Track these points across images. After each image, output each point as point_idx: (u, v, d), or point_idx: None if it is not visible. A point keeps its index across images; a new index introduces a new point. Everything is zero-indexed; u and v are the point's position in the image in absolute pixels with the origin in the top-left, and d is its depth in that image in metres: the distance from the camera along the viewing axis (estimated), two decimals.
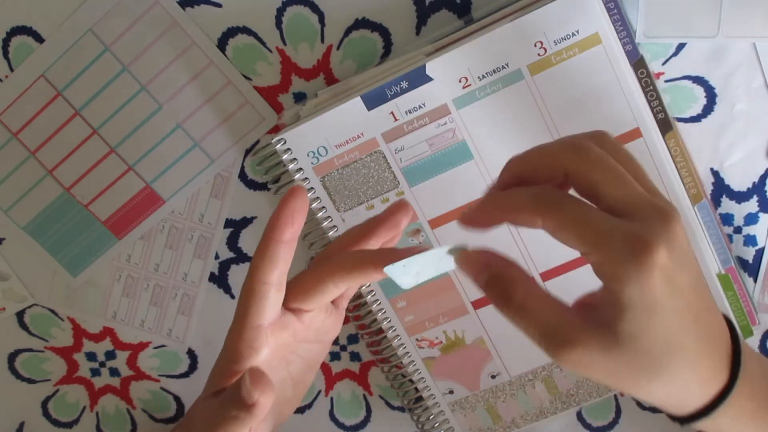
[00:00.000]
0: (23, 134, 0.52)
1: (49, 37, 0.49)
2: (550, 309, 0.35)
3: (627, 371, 0.34)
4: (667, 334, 0.34)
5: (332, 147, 0.46)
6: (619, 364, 0.34)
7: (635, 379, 0.35)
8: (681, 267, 0.34)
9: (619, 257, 0.33)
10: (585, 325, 0.34)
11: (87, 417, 0.58)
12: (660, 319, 0.33)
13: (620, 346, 0.34)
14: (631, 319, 0.33)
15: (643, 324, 0.33)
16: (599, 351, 0.34)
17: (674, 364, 0.34)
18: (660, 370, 0.34)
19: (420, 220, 0.47)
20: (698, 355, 0.35)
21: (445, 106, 0.45)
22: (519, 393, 0.51)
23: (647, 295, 0.33)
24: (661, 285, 0.33)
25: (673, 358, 0.34)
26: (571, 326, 0.34)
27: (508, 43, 0.43)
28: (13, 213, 0.54)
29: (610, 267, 0.33)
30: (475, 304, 0.49)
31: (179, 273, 0.54)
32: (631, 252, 0.33)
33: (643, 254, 0.32)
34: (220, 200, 0.52)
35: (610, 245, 0.33)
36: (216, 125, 0.51)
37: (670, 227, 0.33)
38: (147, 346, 0.56)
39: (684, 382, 0.35)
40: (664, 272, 0.33)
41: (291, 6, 0.47)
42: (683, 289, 0.34)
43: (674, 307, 0.34)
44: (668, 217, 0.34)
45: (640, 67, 0.44)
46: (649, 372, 0.34)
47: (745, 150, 0.47)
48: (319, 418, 0.56)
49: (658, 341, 0.34)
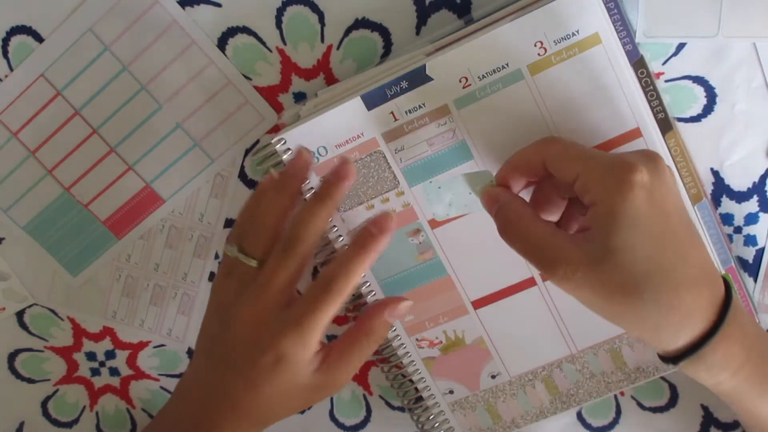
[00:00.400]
0: (23, 134, 0.52)
1: (49, 36, 0.49)
2: (543, 231, 0.39)
3: (612, 289, 0.37)
4: (651, 252, 0.36)
5: (332, 147, 0.46)
6: (605, 282, 0.37)
7: (621, 299, 0.37)
8: (665, 193, 0.37)
9: (605, 174, 0.37)
10: (574, 244, 0.37)
11: (87, 417, 0.58)
12: (643, 235, 0.36)
13: (606, 261, 0.36)
14: (616, 232, 0.36)
15: (626, 238, 0.36)
16: (587, 267, 0.36)
17: (657, 285, 0.36)
18: (643, 290, 0.36)
19: (420, 220, 0.47)
20: (683, 281, 0.37)
21: (445, 106, 0.45)
22: (519, 393, 0.51)
23: (630, 208, 0.36)
24: (644, 200, 0.36)
25: (655, 278, 0.36)
26: (561, 245, 0.38)
27: (508, 43, 0.43)
28: (13, 213, 0.54)
29: (596, 184, 0.37)
30: (475, 304, 0.49)
31: (179, 273, 0.54)
32: (615, 169, 0.36)
33: (627, 172, 0.36)
34: (220, 200, 0.52)
35: (598, 165, 0.37)
36: (216, 125, 0.51)
37: (654, 160, 0.37)
38: (147, 345, 0.56)
39: (670, 309, 0.37)
40: (647, 189, 0.36)
41: (291, 6, 0.47)
42: (667, 211, 0.37)
43: (657, 226, 0.36)
44: (652, 154, 0.38)
45: (640, 66, 0.44)
46: (632, 293, 0.36)
47: (745, 150, 0.47)
48: (319, 418, 0.56)
49: (641, 257, 0.36)
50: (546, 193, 0.43)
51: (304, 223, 0.43)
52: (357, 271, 0.43)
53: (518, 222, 0.39)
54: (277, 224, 0.44)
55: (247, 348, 0.42)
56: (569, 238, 0.38)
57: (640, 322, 0.38)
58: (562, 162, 0.39)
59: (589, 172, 0.37)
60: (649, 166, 0.37)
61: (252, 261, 0.43)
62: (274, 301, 0.42)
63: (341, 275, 0.42)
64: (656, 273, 0.36)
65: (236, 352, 0.43)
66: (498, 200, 0.41)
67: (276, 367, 0.42)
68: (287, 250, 0.42)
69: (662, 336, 0.38)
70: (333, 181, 0.44)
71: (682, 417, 0.52)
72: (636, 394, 0.52)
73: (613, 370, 0.50)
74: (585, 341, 0.49)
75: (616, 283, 0.36)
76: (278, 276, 0.42)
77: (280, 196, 0.44)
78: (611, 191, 0.36)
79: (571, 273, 0.37)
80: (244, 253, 0.44)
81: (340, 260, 0.43)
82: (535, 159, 0.40)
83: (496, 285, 0.48)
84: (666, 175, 0.38)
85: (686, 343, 0.38)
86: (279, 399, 0.43)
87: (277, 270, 0.42)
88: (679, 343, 0.38)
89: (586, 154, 0.38)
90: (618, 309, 0.38)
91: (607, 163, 0.37)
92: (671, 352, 0.39)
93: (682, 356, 0.38)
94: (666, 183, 0.37)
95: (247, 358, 0.42)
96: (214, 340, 0.44)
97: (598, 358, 0.50)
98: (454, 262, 0.48)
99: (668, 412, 0.52)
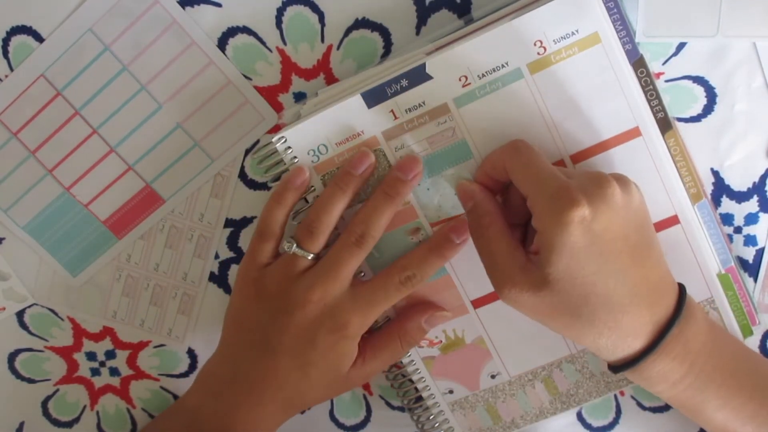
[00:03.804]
0: (23, 134, 0.52)
1: (49, 36, 0.49)
2: (505, 246, 0.41)
3: (552, 312, 0.40)
4: (588, 279, 0.38)
5: (333, 145, 0.46)
6: (546, 304, 0.39)
7: (560, 320, 0.40)
8: (609, 222, 0.38)
9: (548, 205, 0.38)
10: (524, 267, 0.40)
11: (87, 416, 0.58)
12: (580, 265, 0.38)
13: (546, 288, 0.39)
14: (554, 264, 0.38)
15: (564, 268, 0.38)
16: (530, 291, 0.39)
17: (594, 310, 0.39)
18: (581, 313, 0.39)
19: (419, 219, 0.47)
20: (618, 305, 0.39)
21: (445, 104, 0.45)
22: (519, 393, 0.51)
23: (567, 243, 0.38)
24: (581, 235, 0.38)
25: (592, 303, 0.39)
26: (514, 266, 0.40)
27: (508, 42, 0.43)
28: (13, 213, 0.54)
29: (539, 213, 0.39)
30: (475, 303, 0.49)
31: (179, 273, 0.54)
32: (558, 202, 0.38)
33: (567, 207, 0.37)
34: (220, 200, 0.52)
35: (543, 194, 0.39)
36: (216, 125, 0.51)
37: (602, 186, 0.39)
38: (147, 345, 0.56)
39: (606, 329, 0.40)
40: (585, 224, 0.38)
41: (291, 6, 0.47)
42: (608, 239, 0.38)
43: (596, 255, 0.38)
44: (601, 179, 0.39)
45: (639, 66, 0.44)
46: (570, 314, 0.39)
47: (745, 150, 0.47)
48: (319, 418, 0.56)
49: (578, 285, 0.38)
50: (513, 197, 0.45)
51: (373, 219, 0.45)
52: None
53: (486, 230, 0.42)
54: (335, 221, 0.46)
55: (308, 330, 0.46)
56: (521, 263, 0.40)
57: (579, 339, 0.41)
58: (518, 175, 0.41)
59: (535, 197, 0.39)
60: (593, 196, 0.38)
61: (308, 255, 0.46)
62: (341, 286, 0.46)
63: (414, 262, 0.46)
64: (592, 298, 0.39)
65: (292, 336, 0.46)
66: (473, 197, 0.44)
67: (335, 346, 0.46)
68: (360, 244, 0.45)
69: (600, 351, 0.41)
70: (402, 179, 0.45)
71: (682, 417, 0.52)
72: (636, 394, 0.52)
73: None
74: None
75: (555, 307, 0.39)
76: (350, 265, 0.46)
77: (345, 196, 0.46)
78: (550, 225, 0.38)
79: (516, 295, 0.40)
80: (301, 248, 0.46)
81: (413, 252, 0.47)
82: (500, 164, 0.43)
83: None
84: (613, 200, 0.38)
85: (624, 356, 0.41)
86: (318, 383, 0.47)
87: (350, 260, 0.45)
88: (618, 356, 0.41)
89: (538, 176, 0.40)
90: (559, 326, 0.41)
91: (551, 193, 0.38)
92: (611, 362, 0.42)
93: (621, 368, 0.41)
94: (611, 208, 0.38)
95: (307, 341, 0.46)
96: (260, 329, 0.47)
97: (597, 358, 0.49)
98: (454, 261, 0.48)
99: (668, 412, 0.52)
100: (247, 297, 0.48)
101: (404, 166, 0.45)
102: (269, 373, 0.47)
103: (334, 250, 0.46)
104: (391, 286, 0.46)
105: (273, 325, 0.46)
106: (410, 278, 0.46)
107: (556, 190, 0.38)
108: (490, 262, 0.42)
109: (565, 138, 0.45)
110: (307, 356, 0.46)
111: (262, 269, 0.47)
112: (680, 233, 0.46)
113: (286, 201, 0.47)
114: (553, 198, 0.38)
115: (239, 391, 0.47)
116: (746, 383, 0.42)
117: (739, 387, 0.42)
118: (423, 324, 0.48)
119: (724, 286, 0.47)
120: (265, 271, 0.47)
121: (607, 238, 0.38)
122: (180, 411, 0.51)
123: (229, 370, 0.48)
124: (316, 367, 0.46)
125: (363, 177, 0.46)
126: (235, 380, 0.47)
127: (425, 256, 0.46)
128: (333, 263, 0.46)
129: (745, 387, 0.42)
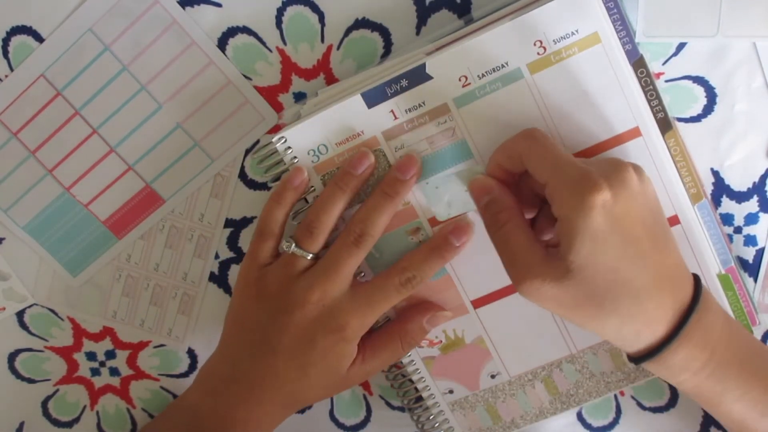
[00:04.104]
0: (23, 134, 0.52)
1: (49, 36, 0.49)
2: (525, 239, 0.41)
3: (575, 302, 0.39)
4: (611, 265, 0.38)
5: (333, 145, 0.46)
6: (569, 295, 0.39)
7: (584, 310, 0.39)
8: (628, 205, 0.38)
9: (569, 190, 0.38)
10: (545, 258, 0.40)
11: (87, 416, 0.58)
12: (603, 251, 0.38)
13: (570, 277, 0.38)
14: (577, 251, 0.38)
15: (587, 255, 0.38)
16: (552, 282, 0.39)
17: (617, 296, 0.39)
18: (604, 301, 0.39)
19: (420, 219, 0.47)
20: (643, 290, 0.39)
21: (445, 104, 0.45)
22: (519, 393, 0.51)
23: (590, 229, 0.37)
24: (603, 220, 0.37)
25: (616, 289, 0.38)
26: (535, 258, 0.40)
27: (508, 42, 0.43)
28: (13, 213, 0.54)
29: (560, 199, 0.39)
30: (475, 303, 0.49)
31: (179, 273, 0.54)
32: (578, 187, 0.38)
33: (589, 191, 0.37)
34: (220, 200, 0.52)
35: (564, 179, 0.39)
36: (216, 125, 0.51)
37: (621, 171, 0.38)
38: (147, 345, 0.56)
39: (630, 317, 0.39)
40: (607, 208, 0.37)
41: (291, 6, 0.47)
42: (629, 224, 0.38)
43: (618, 241, 0.38)
44: (619, 164, 0.39)
45: (639, 66, 0.44)
46: (594, 304, 0.39)
47: (745, 150, 0.47)
48: (319, 418, 0.56)
49: (602, 272, 0.38)
50: (524, 188, 0.45)
51: (372, 219, 0.45)
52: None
53: (505, 225, 0.42)
54: (335, 221, 0.47)
55: (307, 330, 0.46)
56: (541, 255, 0.40)
57: (603, 329, 0.40)
58: (536, 163, 0.41)
59: (555, 184, 0.39)
60: (613, 180, 0.38)
61: (308, 254, 0.46)
62: (340, 287, 0.46)
63: (414, 264, 0.46)
64: (616, 285, 0.38)
65: (291, 336, 0.46)
66: (488, 191, 0.43)
67: (334, 347, 0.46)
68: (359, 244, 0.45)
69: (624, 340, 0.41)
70: (400, 179, 0.45)
71: (682, 417, 0.52)
72: (636, 394, 0.52)
73: (613, 369, 0.50)
74: (585, 341, 0.49)
75: (578, 297, 0.39)
76: (349, 265, 0.46)
77: (344, 196, 0.46)
78: (573, 211, 0.38)
79: (538, 287, 0.39)
80: (300, 248, 0.46)
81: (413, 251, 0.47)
82: (515, 153, 0.42)
83: (496, 284, 0.48)
84: (631, 185, 0.39)
85: (647, 346, 0.40)
86: (317, 382, 0.47)
87: (349, 260, 0.45)
88: (641, 346, 0.40)
89: (557, 163, 0.39)
90: (582, 318, 0.40)
91: (572, 178, 0.38)
92: (633, 353, 0.41)
93: (643, 358, 0.40)
94: (631, 193, 0.38)
95: (307, 341, 0.46)
96: (260, 328, 0.47)
97: (598, 358, 0.49)
98: (454, 261, 0.48)
99: (668, 412, 0.52)
100: (248, 297, 0.48)
101: (402, 165, 0.45)
102: (269, 373, 0.47)
103: (333, 250, 0.46)
104: (391, 288, 0.46)
105: (273, 325, 0.46)
106: (410, 280, 0.46)
107: (577, 175, 0.38)
108: (510, 256, 0.41)
109: (565, 138, 0.45)
110: (307, 356, 0.46)
111: (262, 269, 0.47)
112: (680, 233, 0.46)
113: (285, 201, 0.47)
114: (574, 183, 0.38)
115: (239, 390, 0.47)
116: (763, 374, 0.41)
117: (757, 377, 0.41)
118: (424, 324, 0.48)
119: (724, 287, 0.47)
120: (266, 271, 0.47)
121: (628, 224, 0.38)
122: (179, 410, 0.51)
123: (228, 369, 0.48)
124: (315, 366, 0.46)
125: (362, 177, 0.46)
126: (234, 379, 0.47)
127: (425, 257, 0.46)
128: (332, 263, 0.46)
129: (763, 377, 0.41)
